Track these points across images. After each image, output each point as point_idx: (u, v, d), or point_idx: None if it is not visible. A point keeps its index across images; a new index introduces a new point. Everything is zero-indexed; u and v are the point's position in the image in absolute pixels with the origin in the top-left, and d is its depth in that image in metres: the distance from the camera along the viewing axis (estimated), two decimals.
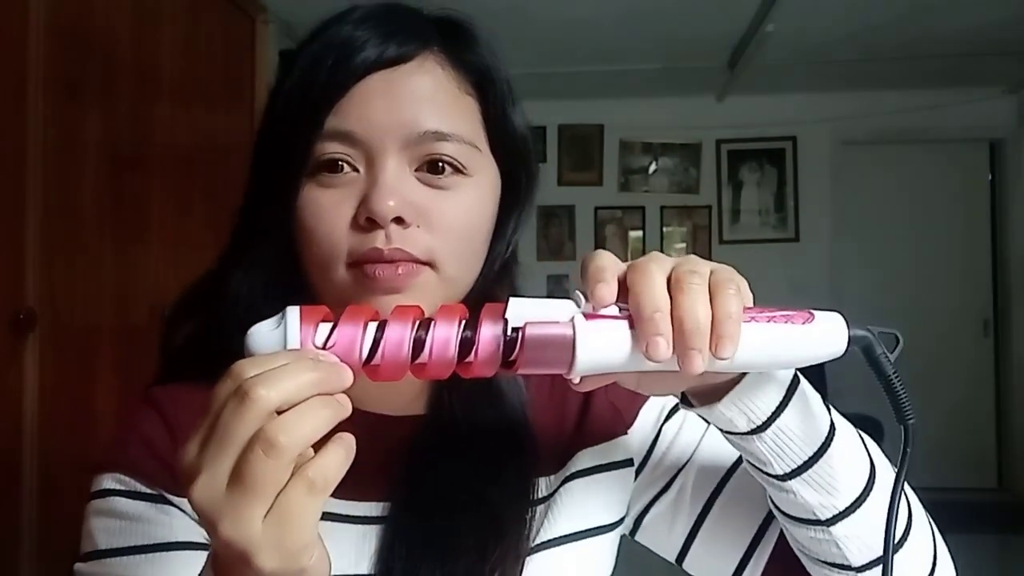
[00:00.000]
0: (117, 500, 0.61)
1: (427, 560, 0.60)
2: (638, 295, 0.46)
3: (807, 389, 0.56)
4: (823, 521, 0.56)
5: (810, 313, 0.49)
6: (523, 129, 0.67)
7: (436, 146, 0.60)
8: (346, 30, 0.61)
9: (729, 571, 0.66)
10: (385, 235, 0.58)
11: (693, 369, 0.45)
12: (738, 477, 0.67)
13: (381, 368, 0.46)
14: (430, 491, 0.63)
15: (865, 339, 0.51)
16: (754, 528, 0.65)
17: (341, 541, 0.61)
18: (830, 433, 0.56)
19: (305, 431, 0.40)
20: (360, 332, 0.45)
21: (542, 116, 4.84)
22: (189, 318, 0.68)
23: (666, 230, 5.08)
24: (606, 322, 0.47)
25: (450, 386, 0.67)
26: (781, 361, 0.50)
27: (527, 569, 0.63)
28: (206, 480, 0.40)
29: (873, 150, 4.98)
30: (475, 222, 0.62)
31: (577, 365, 0.46)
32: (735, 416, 0.53)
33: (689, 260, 0.48)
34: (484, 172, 0.63)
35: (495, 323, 0.46)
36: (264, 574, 0.41)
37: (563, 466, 0.68)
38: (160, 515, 0.60)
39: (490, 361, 0.46)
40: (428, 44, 0.62)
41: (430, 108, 0.60)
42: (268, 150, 0.63)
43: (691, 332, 0.45)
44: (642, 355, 0.46)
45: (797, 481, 0.55)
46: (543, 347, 0.46)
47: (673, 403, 0.72)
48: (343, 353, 0.45)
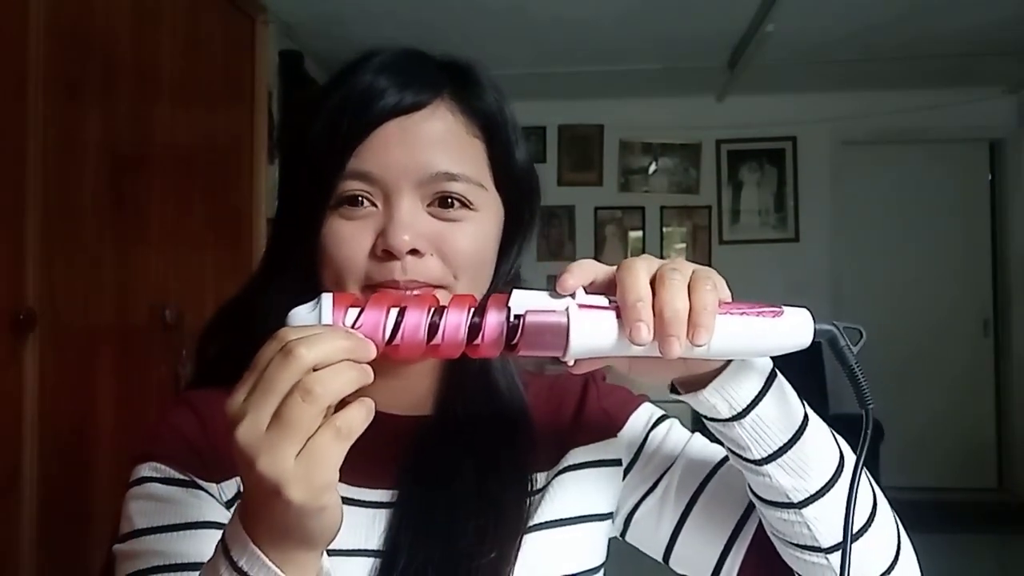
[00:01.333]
0: (153, 486, 0.67)
1: (430, 540, 0.67)
2: (624, 286, 0.53)
3: (783, 382, 0.61)
4: (795, 504, 0.61)
5: (780, 308, 0.56)
6: (526, 166, 0.75)
7: (446, 185, 0.67)
8: (367, 79, 0.68)
9: (711, 562, 0.71)
10: (401, 267, 0.65)
11: (671, 353, 0.51)
12: (720, 476, 0.73)
13: (401, 347, 0.52)
14: (435, 481, 0.70)
15: (829, 332, 0.57)
16: (734, 521, 0.71)
17: (354, 522, 0.66)
18: (803, 422, 0.61)
19: (337, 385, 0.48)
20: (384, 316, 0.52)
21: (542, 116, 4.85)
22: (222, 332, 0.76)
23: (666, 230, 5.08)
24: (596, 311, 0.54)
25: (456, 389, 0.74)
26: (752, 350, 0.56)
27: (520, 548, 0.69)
28: (249, 422, 0.47)
29: (873, 150, 4.98)
30: (482, 250, 0.70)
31: (571, 348, 0.53)
32: (718, 403, 0.59)
33: (674, 261, 0.55)
34: (489, 207, 0.71)
35: (500, 311, 0.54)
36: (292, 506, 0.47)
37: (557, 462, 0.75)
38: (191, 498, 0.67)
39: (494, 343, 0.53)
40: (440, 92, 0.70)
41: (441, 151, 0.68)
42: (296, 186, 0.71)
43: (670, 320, 0.51)
44: (627, 340, 0.52)
45: (773, 465, 0.61)
46: (541, 332, 0.53)
47: (660, 413, 0.80)
48: (368, 333, 0.52)
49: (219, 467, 0.68)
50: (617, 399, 0.79)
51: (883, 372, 4.61)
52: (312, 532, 0.50)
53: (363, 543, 0.68)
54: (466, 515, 0.68)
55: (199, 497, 0.67)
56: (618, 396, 0.80)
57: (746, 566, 0.70)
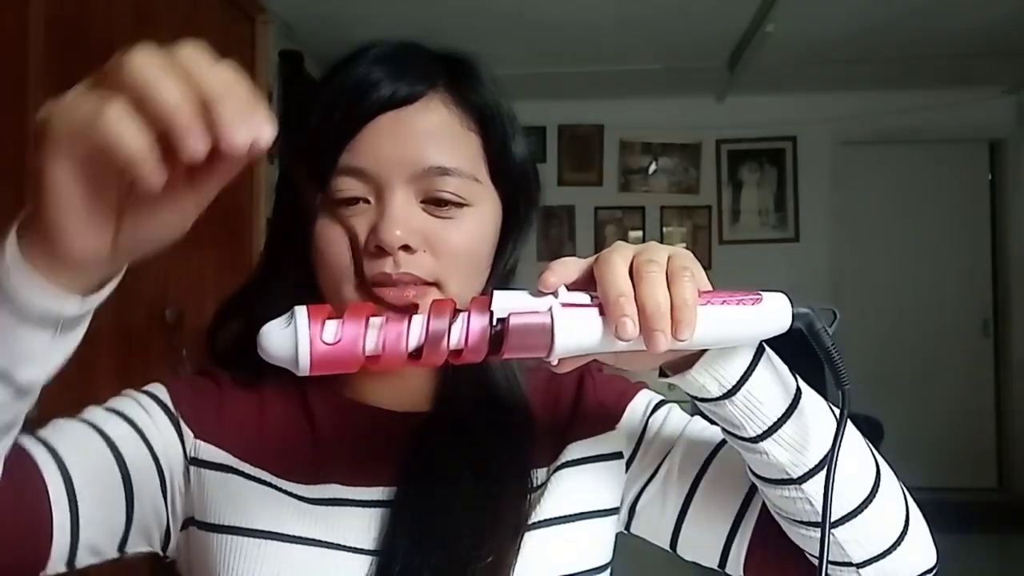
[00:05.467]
0: (144, 398, 0.70)
1: (427, 543, 0.65)
2: (604, 283, 0.52)
3: (772, 355, 0.60)
4: (795, 479, 0.60)
5: (758, 294, 0.55)
6: (523, 160, 0.73)
7: (439, 181, 0.66)
8: (361, 71, 0.67)
9: (719, 545, 0.70)
10: (393, 261, 0.65)
11: (657, 348, 0.50)
12: (720, 458, 0.71)
13: (381, 359, 0.50)
14: (432, 481, 0.68)
15: (807, 315, 0.56)
16: (738, 503, 0.69)
17: (351, 520, 0.67)
18: (796, 395, 0.60)
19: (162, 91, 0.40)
20: (363, 328, 0.50)
21: (542, 116, 4.84)
22: (226, 323, 0.76)
23: (666, 230, 5.08)
24: (580, 310, 0.53)
25: (453, 386, 0.73)
26: (735, 338, 0.56)
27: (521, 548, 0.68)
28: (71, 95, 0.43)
29: (873, 150, 4.98)
30: (476, 246, 0.69)
31: (556, 349, 0.52)
32: (707, 382, 0.58)
33: (648, 248, 0.53)
34: (484, 201, 0.70)
35: (482, 315, 0.52)
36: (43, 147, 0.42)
37: (556, 457, 0.73)
38: (161, 419, 0.68)
39: (478, 349, 0.52)
40: (435, 84, 0.69)
41: (435, 145, 0.67)
42: (291, 181, 0.71)
43: (652, 315, 0.50)
44: (612, 336, 0.51)
45: (769, 442, 0.59)
46: (525, 334, 0.52)
47: (659, 399, 0.78)
48: (349, 346, 0.49)
49: (210, 431, 0.69)
50: (614, 390, 0.78)
51: (883, 372, 4.61)
52: (45, 214, 0.43)
53: (360, 541, 0.67)
54: (463, 517, 0.67)
55: (167, 427, 0.68)
56: (615, 386, 0.78)
57: (753, 547, 0.68)
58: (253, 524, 0.66)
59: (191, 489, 0.68)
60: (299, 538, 0.66)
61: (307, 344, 0.49)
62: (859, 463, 0.62)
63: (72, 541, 0.61)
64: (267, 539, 0.65)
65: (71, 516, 0.61)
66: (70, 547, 0.61)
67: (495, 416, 0.72)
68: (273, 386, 0.73)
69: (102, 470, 0.64)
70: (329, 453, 0.70)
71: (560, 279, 0.53)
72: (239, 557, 0.65)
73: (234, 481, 0.68)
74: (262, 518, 0.66)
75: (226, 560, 0.65)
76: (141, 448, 0.66)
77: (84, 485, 0.62)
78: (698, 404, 0.61)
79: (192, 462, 0.69)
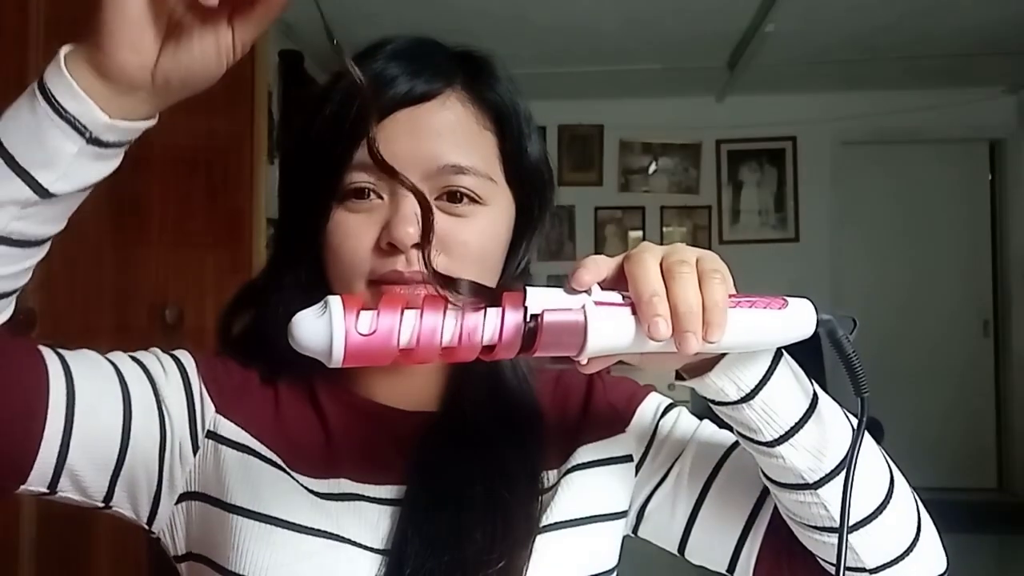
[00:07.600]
0: (168, 357, 0.69)
1: (437, 547, 0.65)
2: (637, 281, 0.51)
3: (790, 360, 0.60)
4: (811, 484, 0.59)
5: (784, 299, 0.56)
6: (538, 160, 0.73)
7: (454, 179, 0.66)
8: (378, 65, 0.66)
9: (728, 551, 0.69)
10: (405, 259, 0.64)
11: (689, 349, 0.50)
12: (731, 462, 0.71)
13: (416, 352, 0.49)
14: (441, 482, 0.68)
15: (830, 322, 0.57)
16: (749, 507, 0.69)
17: (362, 517, 0.67)
18: (814, 399, 0.60)
19: None
20: (399, 320, 0.49)
21: (542, 116, 4.75)
22: (237, 316, 0.76)
23: (666, 230, 5.08)
24: (612, 308, 0.52)
25: (464, 386, 0.73)
26: (761, 343, 0.56)
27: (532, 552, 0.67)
28: None
29: (873, 150, 4.98)
30: (489, 245, 0.68)
31: (588, 347, 0.51)
32: (725, 385, 0.57)
33: (677, 249, 0.53)
34: (499, 201, 0.69)
35: (516, 310, 0.51)
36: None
37: (566, 460, 0.73)
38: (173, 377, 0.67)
39: (511, 345, 0.51)
40: (452, 82, 0.68)
41: (450, 143, 0.66)
42: (303, 177, 0.69)
43: (685, 316, 0.50)
44: (644, 336, 0.51)
45: (785, 446, 0.59)
46: (559, 332, 0.51)
47: (668, 402, 0.78)
48: (384, 338, 0.48)
49: (232, 408, 0.68)
50: (623, 392, 0.77)
51: (883, 372, 4.60)
52: (100, 24, 0.52)
53: (369, 539, 0.66)
54: (474, 520, 0.66)
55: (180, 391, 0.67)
56: (624, 389, 0.78)
57: (764, 552, 0.68)
58: (270, 510, 0.65)
59: (204, 463, 0.67)
60: (312, 529, 0.65)
61: (342, 335, 0.48)
62: (874, 469, 0.62)
63: (60, 456, 0.59)
64: (282, 527, 0.65)
65: (64, 428, 0.59)
66: (56, 462, 0.59)
67: (505, 418, 0.71)
68: (284, 380, 0.72)
69: (107, 398, 0.62)
70: (339, 449, 0.70)
71: (593, 277, 0.52)
72: (254, 540, 0.64)
73: (253, 463, 0.67)
74: (279, 505, 0.66)
75: (240, 543, 0.64)
76: (149, 396, 0.65)
77: (86, 407, 0.60)
78: (714, 408, 0.61)
79: (209, 435, 0.67)
